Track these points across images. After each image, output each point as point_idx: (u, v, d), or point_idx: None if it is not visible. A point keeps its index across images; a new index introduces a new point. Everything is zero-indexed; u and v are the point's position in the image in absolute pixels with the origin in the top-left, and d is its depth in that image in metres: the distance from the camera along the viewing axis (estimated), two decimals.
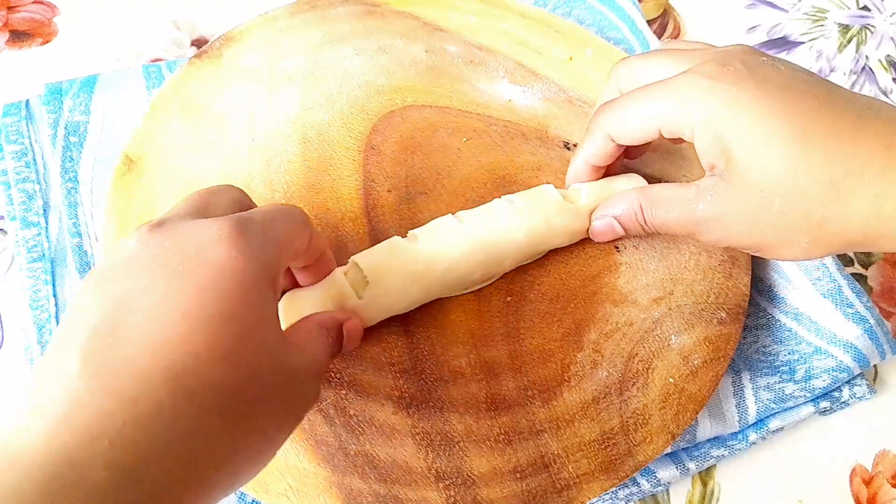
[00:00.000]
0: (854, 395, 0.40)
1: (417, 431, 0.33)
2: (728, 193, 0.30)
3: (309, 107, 0.41)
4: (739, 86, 0.29)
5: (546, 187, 0.37)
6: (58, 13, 0.51)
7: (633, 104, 0.33)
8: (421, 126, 0.41)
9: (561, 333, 0.36)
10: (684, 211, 0.32)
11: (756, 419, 0.38)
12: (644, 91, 0.32)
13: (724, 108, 0.29)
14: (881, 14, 0.56)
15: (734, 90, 0.29)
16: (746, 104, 0.29)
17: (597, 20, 0.49)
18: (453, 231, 0.35)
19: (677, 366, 0.36)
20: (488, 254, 0.35)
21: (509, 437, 0.34)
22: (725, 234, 0.31)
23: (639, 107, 0.32)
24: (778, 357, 0.40)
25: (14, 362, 0.39)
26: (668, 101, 0.31)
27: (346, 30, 0.43)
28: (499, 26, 0.44)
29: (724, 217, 0.31)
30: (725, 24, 0.55)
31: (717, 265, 0.39)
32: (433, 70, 0.43)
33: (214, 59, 0.41)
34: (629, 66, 0.35)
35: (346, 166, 0.39)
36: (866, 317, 0.39)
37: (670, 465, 0.37)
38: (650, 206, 0.34)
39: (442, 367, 0.35)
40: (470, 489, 0.32)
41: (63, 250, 0.40)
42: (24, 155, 0.42)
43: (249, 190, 0.38)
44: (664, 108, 0.31)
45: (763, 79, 0.30)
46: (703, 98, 0.30)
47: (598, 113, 0.35)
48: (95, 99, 0.43)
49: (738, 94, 0.29)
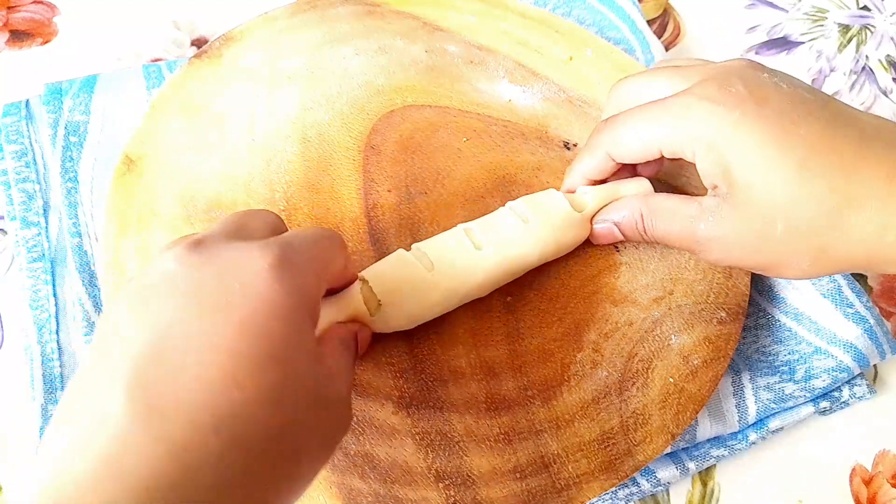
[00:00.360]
0: (854, 395, 0.40)
1: (417, 431, 0.33)
2: (730, 216, 0.30)
3: (309, 107, 0.41)
4: (741, 110, 0.29)
5: (553, 195, 0.36)
6: (58, 13, 0.51)
7: (633, 123, 0.32)
8: (421, 126, 0.41)
9: (561, 333, 0.36)
10: (685, 227, 0.32)
11: (756, 419, 0.38)
12: (643, 110, 0.32)
13: (726, 133, 0.29)
14: (881, 14, 0.56)
15: (735, 115, 0.29)
16: (748, 129, 0.29)
17: (597, 20, 0.49)
18: (469, 259, 0.34)
19: (677, 366, 0.36)
20: (502, 278, 0.35)
21: (509, 436, 0.34)
22: (726, 255, 0.32)
23: (638, 127, 0.32)
24: (778, 357, 0.40)
25: (14, 362, 0.39)
26: (668, 125, 0.31)
27: (346, 30, 0.43)
28: (499, 26, 0.44)
29: (725, 239, 0.31)
30: (725, 24, 0.55)
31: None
32: (433, 70, 0.43)
33: (214, 59, 0.41)
34: (628, 85, 0.35)
35: (345, 166, 0.39)
36: (866, 317, 0.39)
37: (670, 465, 0.37)
38: (651, 217, 0.34)
39: (442, 367, 0.35)
40: (470, 489, 0.32)
41: (63, 250, 0.40)
42: (24, 155, 0.42)
43: (249, 190, 0.38)
44: (664, 130, 0.31)
45: (764, 100, 0.29)
46: (705, 121, 0.30)
47: (599, 130, 0.34)
48: (95, 99, 0.43)
49: (740, 118, 0.29)
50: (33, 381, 0.36)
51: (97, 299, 0.38)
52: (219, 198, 0.38)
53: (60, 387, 0.37)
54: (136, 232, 0.36)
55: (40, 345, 0.37)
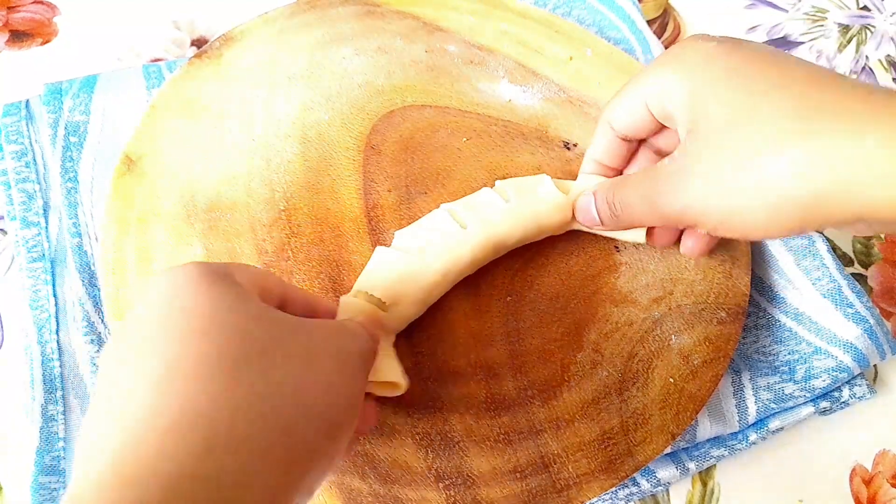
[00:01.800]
0: (854, 395, 0.40)
1: (417, 431, 0.33)
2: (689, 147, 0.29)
3: (309, 107, 0.41)
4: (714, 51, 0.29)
5: (542, 179, 0.36)
6: (58, 13, 0.51)
7: (624, 89, 0.33)
8: (421, 126, 0.41)
9: (561, 333, 0.36)
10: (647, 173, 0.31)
11: (756, 419, 0.38)
12: (633, 77, 0.33)
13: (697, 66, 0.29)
14: (881, 14, 0.56)
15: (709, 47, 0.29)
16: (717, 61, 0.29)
17: (597, 20, 0.49)
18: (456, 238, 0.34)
19: (677, 366, 0.36)
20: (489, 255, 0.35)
21: (509, 436, 0.34)
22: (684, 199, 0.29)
23: (628, 89, 0.33)
24: (778, 357, 0.40)
25: (14, 362, 0.39)
26: (650, 77, 0.31)
27: (346, 30, 0.43)
28: (499, 26, 0.44)
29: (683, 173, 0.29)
30: (725, 24, 0.55)
31: (717, 265, 0.39)
32: (433, 70, 0.43)
33: (215, 59, 0.41)
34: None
35: (346, 166, 0.39)
36: (866, 317, 0.39)
37: (670, 465, 0.37)
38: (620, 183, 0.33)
39: (442, 368, 0.35)
40: (470, 489, 0.32)
41: (63, 250, 0.40)
42: (24, 155, 0.42)
43: (249, 189, 0.38)
44: (647, 83, 0.31)
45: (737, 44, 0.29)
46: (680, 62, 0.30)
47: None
48: (95, 99, 0.43)
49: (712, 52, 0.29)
50: (33, 381, 0.36)
51: (97, 299, 0.38)
52: (219, 197, 0.38)
53: (60, 387, 0.37)
54: (137, 232, 0.36)
55: (40, 345, 0.37)
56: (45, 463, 0.35)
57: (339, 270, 0.37)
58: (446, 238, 0.34)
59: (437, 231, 0.34)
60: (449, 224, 0.35)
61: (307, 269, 0.36)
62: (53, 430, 0.36)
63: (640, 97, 0.32)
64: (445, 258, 0.34)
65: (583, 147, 0.41)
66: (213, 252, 0.36)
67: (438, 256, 0.34)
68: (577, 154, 0.41)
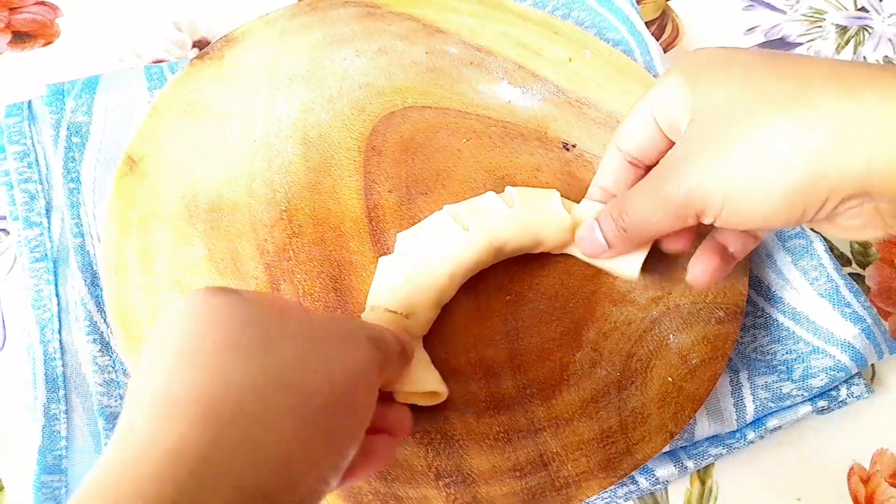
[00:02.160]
0: (852, 395, 0.40)
1: (417, 430, 0.33)
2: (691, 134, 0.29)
3: (310, 108, 0.41)
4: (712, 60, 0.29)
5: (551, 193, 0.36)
6: (60, 14, 0.51)
7: (631, 111, 0.33)
8: (421, 127, 0.41)
9: (560, 333, 0.36)
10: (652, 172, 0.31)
11: (754, 418, 0.38)
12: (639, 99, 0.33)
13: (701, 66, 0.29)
14: (879, 15, 0.56)
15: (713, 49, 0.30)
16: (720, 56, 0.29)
17: (596, 22, 0.49)
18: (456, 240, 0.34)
19: (676, 365, 0.36)
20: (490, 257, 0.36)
21: (509, 435, 0.34)
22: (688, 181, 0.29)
23: (634, 109, 0.33)
24: (776, 356, 0.40)
25: (16, 362, 0.39)
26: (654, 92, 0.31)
27: (347, 31, 0.43)
28: (498, 28, 0.44)
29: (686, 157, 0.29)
30: (724, 25, 0.55)
31: None
32: (433, 71, 0.43)
33: (216, 60, 0.41)
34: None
35: (346, 167, 0.40)
36: (864, 316, 0.39)
37: (669, 464, 0.37)
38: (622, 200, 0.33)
39: (442, 367, 0.35)
40: (469, 487, 0.32)
41: (65, 250, 0.40)
42: (27, 155, 0.42)
43: (251, 190, 0.38)
44: (651, 96, 0.31)
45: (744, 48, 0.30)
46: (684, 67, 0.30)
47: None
48: (97, 100, 0.43)
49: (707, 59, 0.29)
50: (35, 380, 0.37)
51: (99, 299, 0.38)
52: (220, 198, 0.38)
53: (63, 386, 0.37)
54: (138, 232, 0.37)
55: (43, 344, 0.38)
56: (47, 462, 0.35)
57: (340, 270, 0.37)
58: (449, 240, 0.34)
59: (440, 233, 0.35)
60: (451, 226, 0.35)
61: (308, 269, 0.37)
62: (56, 429, 0.36)
63: (646, 109, 0.32)
64: (450, 261, 0.34)
65: (581, 148, 0.41)
66: (215, 252, 0.37)
67: (443, 260, 0.34)
68: (575, 155, 0.41)
